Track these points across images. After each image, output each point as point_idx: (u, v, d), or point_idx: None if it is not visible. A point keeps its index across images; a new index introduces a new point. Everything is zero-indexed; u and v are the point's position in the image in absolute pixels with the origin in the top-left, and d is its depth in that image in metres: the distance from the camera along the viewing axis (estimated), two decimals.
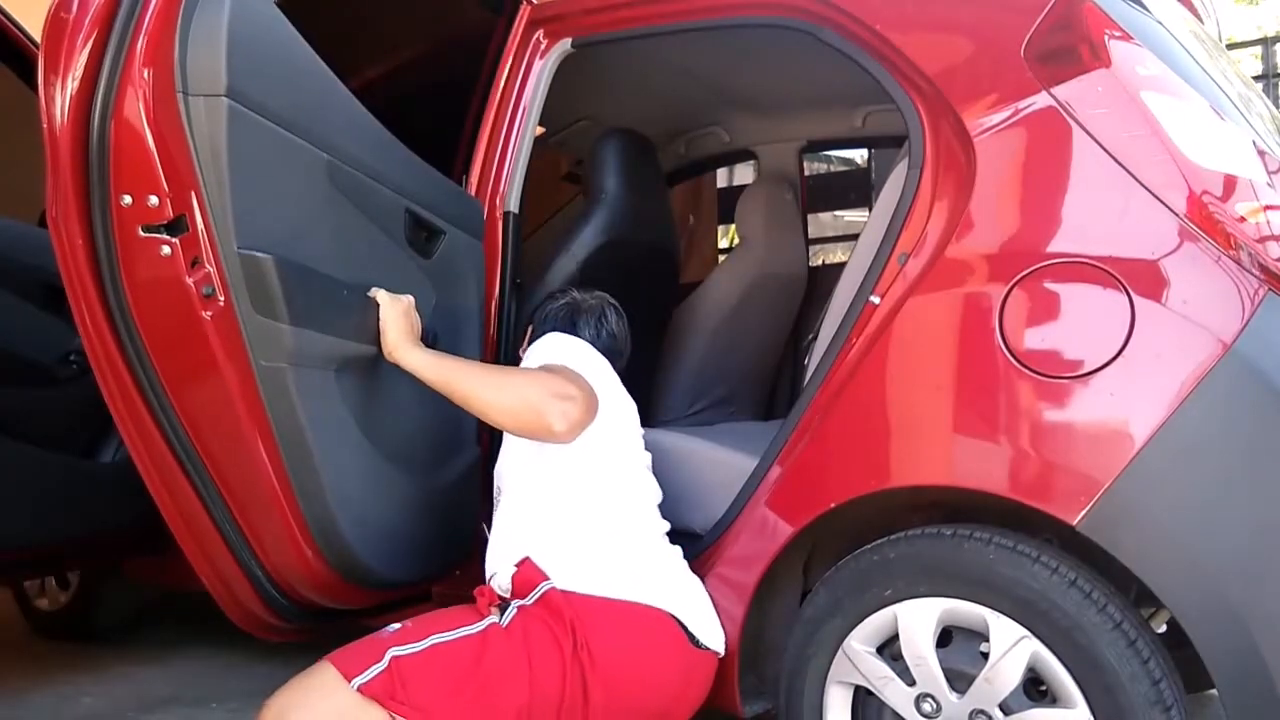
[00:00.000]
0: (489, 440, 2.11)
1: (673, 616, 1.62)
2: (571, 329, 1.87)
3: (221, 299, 1.51)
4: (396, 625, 1.52)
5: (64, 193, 1.48)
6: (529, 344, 1.84)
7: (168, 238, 1.48)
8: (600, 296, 1.96)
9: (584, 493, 1.68)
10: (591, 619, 1.55)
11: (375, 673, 1.42)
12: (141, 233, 1.48)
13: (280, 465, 1.60)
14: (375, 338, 1.65)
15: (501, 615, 1.56)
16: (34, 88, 2.49)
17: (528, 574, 1.60)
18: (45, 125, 1.47)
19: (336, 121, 1.67)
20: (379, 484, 1.78)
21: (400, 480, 1.83)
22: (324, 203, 1.64)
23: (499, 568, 1.66)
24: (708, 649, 1.66)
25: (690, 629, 1.63)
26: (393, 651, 1.44)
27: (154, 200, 1.46)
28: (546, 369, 1.64)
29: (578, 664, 1.52)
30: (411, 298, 1.71)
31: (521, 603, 1.58)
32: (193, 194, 1.47)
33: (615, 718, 1.56)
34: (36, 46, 2.49)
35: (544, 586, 1.58)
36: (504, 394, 1.57)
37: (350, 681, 1.41)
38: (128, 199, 1.47)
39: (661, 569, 1.69)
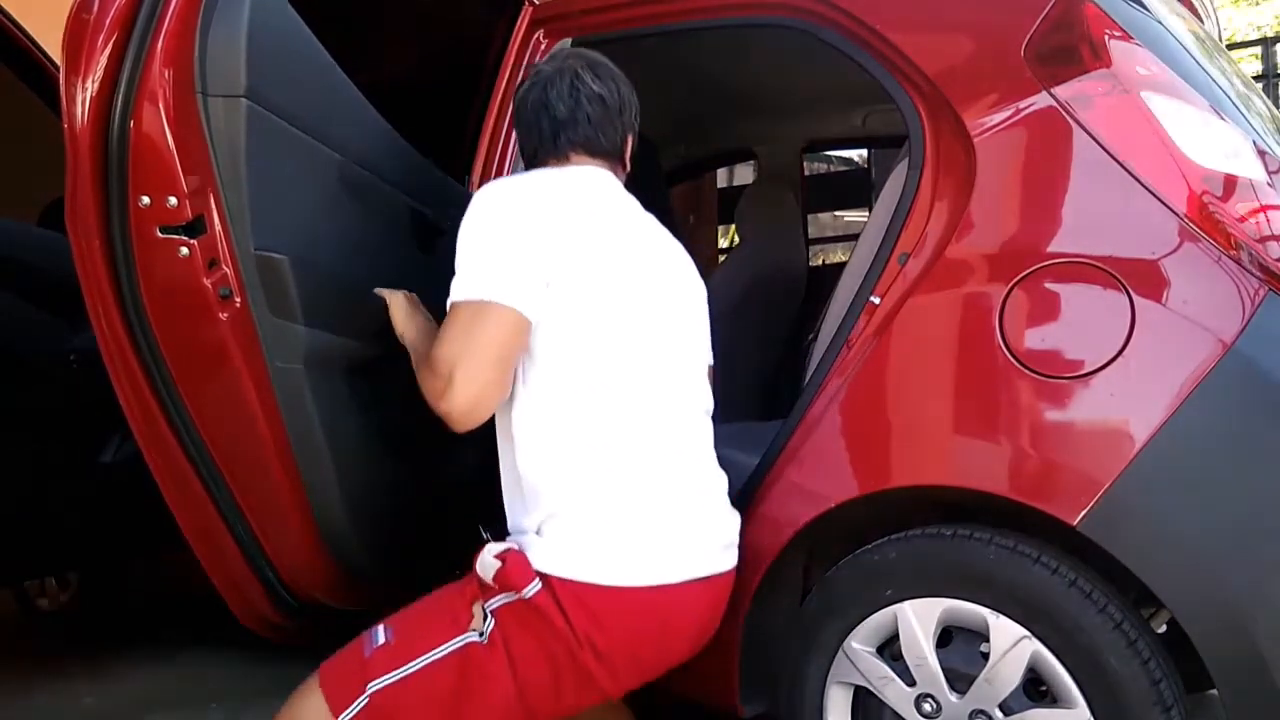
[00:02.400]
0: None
1: (689, 581, 1.47)
2: (553, 144, 1.57)
3: (238, 300, 1.51)
4: (381, 634, 1.44)
5: (82, 192, 1.48)
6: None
7: (186, 239, 1.48)
8: (566, 61, 1.60)
9: (570, 444, 1.44)
10: (595, 615, 1.39)
11: (358, 709, 1.38)
12: (160, 234, 1.49)
13: (292, 466, 1.61)
14: (389, 338, 1.65)
15: (484, 622, 1.42)
16: (34, 88, 2.52)
17: (513, 571, 1.40)
18: (65, 125, 1.48)
19: (348, 122, 1.68)
20: (389, 485, 1.78)
21: (410, 482, 1.83)
22: (337, 203, 1.64)
23: (485, 551, 1.45)
24: (725, 573, 1.55)
25: (706, 574, 1.50)
26: (372, 687, 1.38)
27: (173, 201, 1.47)
28: (454, 311, 1.41)
29: (576, 665, 1.40)
30: (411, 293, 1.68)
31: (506, 601, 1.41)
32: (211, 195, 1.47)
33: (636, 680, 1.47)
34: (36, 46, 2.51)
35: (530, 590, 1.39)
36: (419, 377, 1.46)
37: (337, 718, 1.38)
38: (146, 200, 1.48)
39: (676, 516, 1.48)
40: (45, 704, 2.42)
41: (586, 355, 1.44)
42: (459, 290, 1.41)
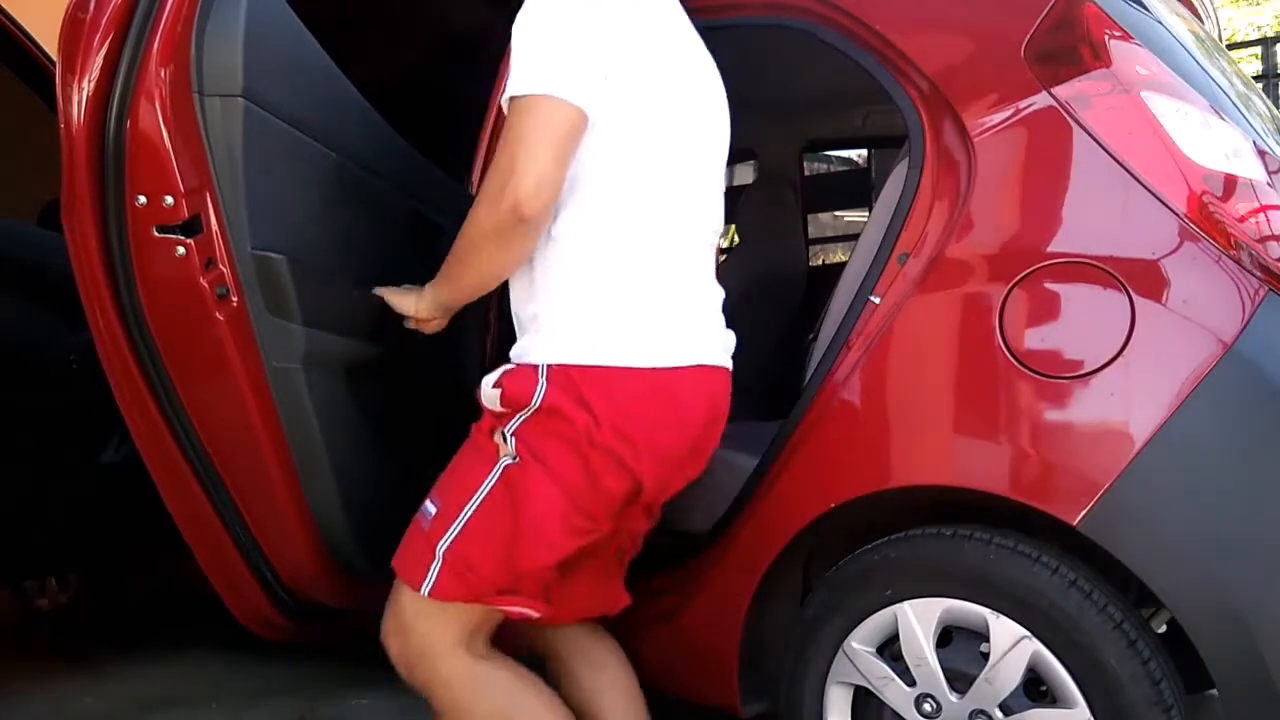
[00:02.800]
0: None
1: (695, 366, 1.49)
2: None
3: (235, 300, 1.51)
4: (430, 506, 1.49)
5: (79, 192, 1.48)
6: None
7: (182, 238, 1.48)
8: None
9: (597, 234, 1.44)
10: (608, 397, 1.41)
11: (436, 572, 1.43)
12: (156, 233, 1.49)
13: (290, 466, 1.61)
14: (387, 338, 1.64)
15: (509, 445, 1.44)
16: (34, 88, 2.52)
17: (513, 389, 1.43)
18: (62, 125, 1.48)
19: (346, 122, 1.68)
20: (386, 485, 1.78)
21: (407, 481, 1.83)
22: (334, 203, 1.64)
23: (483, 385, 1.48)
24: (727, 369, 1.58)
25: (711, 362, 1.53)
26: (440, 547, 1.44)
27: (169, 200, 1.47)
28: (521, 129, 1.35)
29: (601, 449, 1.41)
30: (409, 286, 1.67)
31: (521, 419, 1.43)
32: (207, 194, 1.47)
33: (660, 470, 1.48)
34: (35, 45, 2.50)
35: (537, 398, 1.41)
36: (471, 258, 1.43)
37: (421, 590, 1.43)
38: (143, 199, 1.48)
39: (683, 309, 1.51)
40: (45, 704, 2.41)
41: (629, 150, 1.44)
42: (517, 84, 1.36)
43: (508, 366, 1.47)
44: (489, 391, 1.47)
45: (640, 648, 1.75)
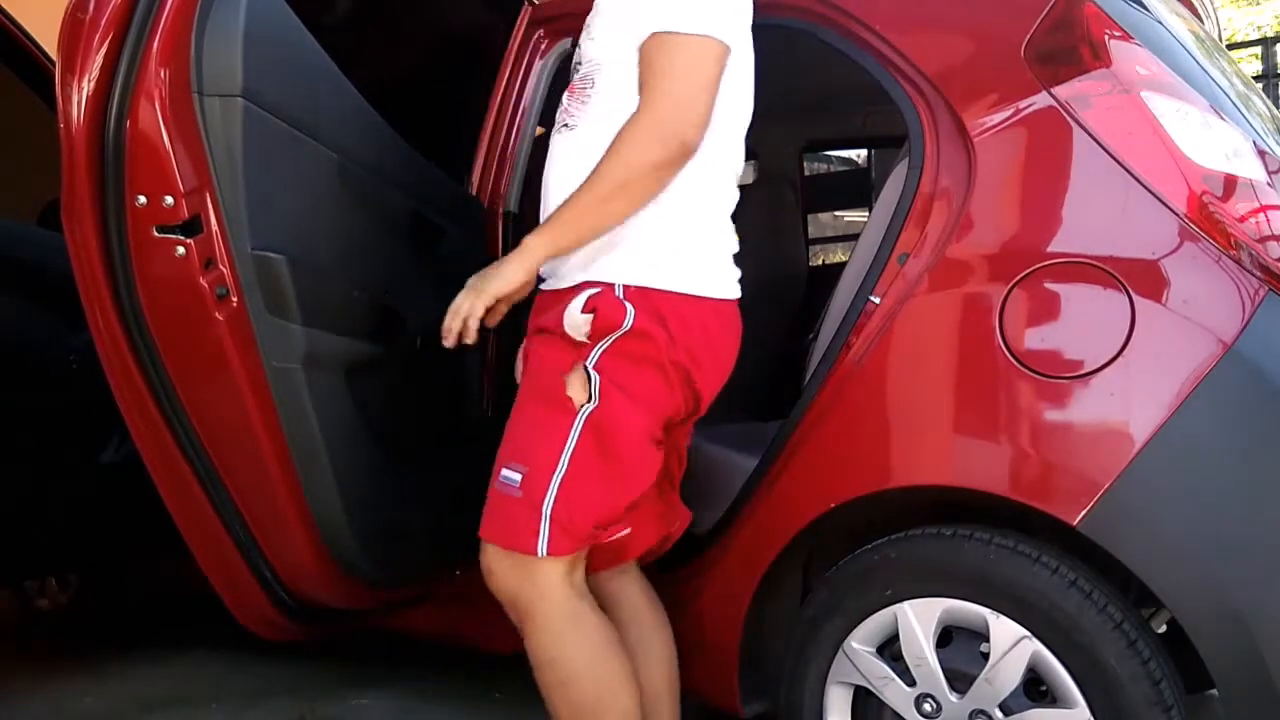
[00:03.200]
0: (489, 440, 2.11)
1: (735, 300, 1.58)
2: None
3: (234, 300, 1.51)
4: (512, 474, 1.46)
5: (79, 192, 1.48)
6: None
7: (182, 238, 1.48)
8: None
9: (692, 166, 1.46)
10: (685, 320, 1.47)
11: (546, 533, 1.43)
12: (156, 233, 1.49)
13: (290, 466, 1.61)
14: (386, 338, 1.63)
15: (590, 385, 1.44)
16: (34, 88, 2.52)
17: (608, 314, 1.45)
18: (61, 125, 1.48)
19: (346, 122, 1.68)
20: (386, 485, 1.78)
21: (406, 481, 1.83)
22: (334, 203, 1.64)
23: (569, 312, 1.46)
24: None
25: (737, 296, 1.60)
26: (545, 506, 1.43)
27: (169, 200, 1.47)
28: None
29: (678, 366, 1.48)
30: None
31: (605, 346, 1.45)
32: (207, 195, 1.47)
33: (714, 388, 1.57)
34: (35, 46, 2.50)
35: (628, 321, 1.44)
36: (618, 196, 1.42)
37: (537, 554, 1.43)
38: (142, 199, 1.48)
39: (732, 245, 1.59)
40: (45, 704, 2.42)
41: (727, 89, 1.48)
42: (677, 21, 1.40)
43: (591, 291, 1.46)
44: (578, 318, 1.46)
45: None
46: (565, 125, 1.56)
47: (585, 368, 1.45)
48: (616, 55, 1.48)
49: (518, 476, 1.46)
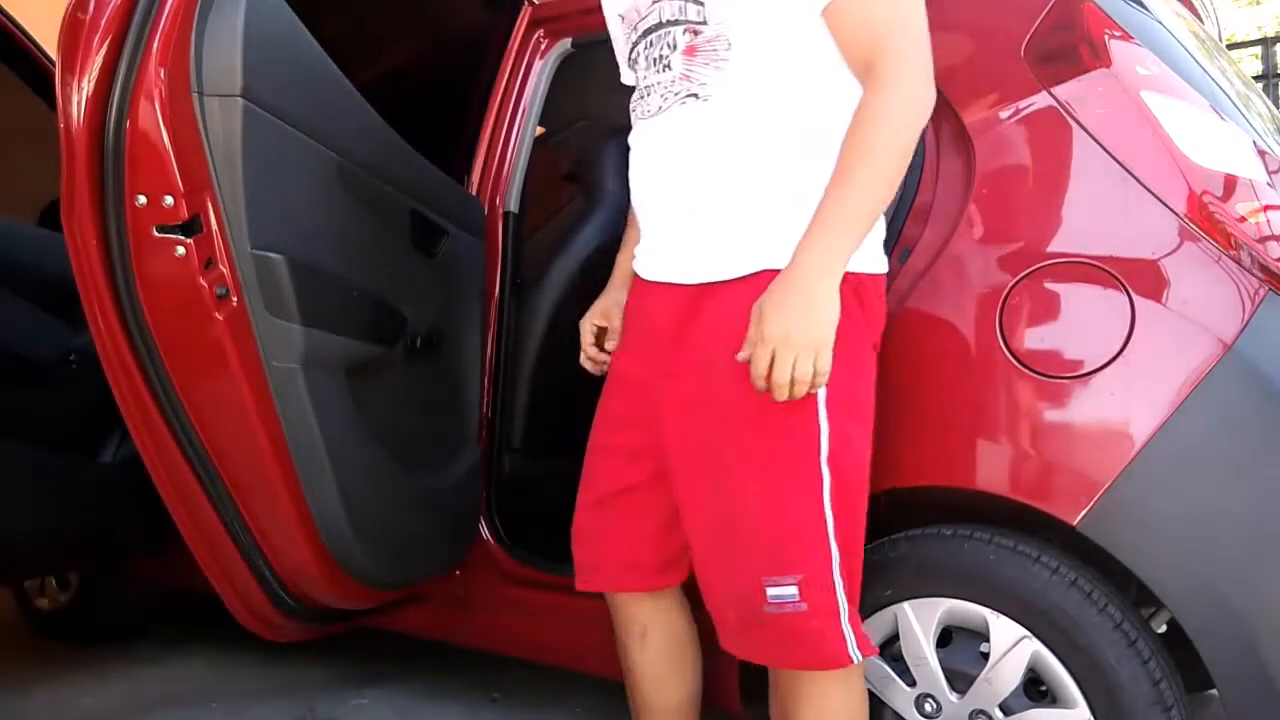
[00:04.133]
0: (488, 440, 2.11)
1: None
2: None
3: (234, 300, 1.51)
4: (790, 592, 1.26)
5: (79, 192, 1.48)
6: None
7: (182, 238, 1.48)
8: None
9: (826, 140, 1.28)
10: (874, 300, 1.39)
11: (853, 636, 1.30)
12: (156, 233, 1.49)
13: (290, 466, 1.61)
14: (386, 338, 1.63)
15: (821, 418, 1.25)
16: (34, 88, 2.51)
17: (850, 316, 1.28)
18: (61, 125, 1.48)
19: (345, 122, 1.68)
20: (386, 485, 1.78)
21: (406, 481, 1.83)
22: (334, 203, 1.64)
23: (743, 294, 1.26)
24: None
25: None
26: (843, 613, 1.29)
27: (169, 200, 1.47)
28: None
29: (874, 346, 1.41)
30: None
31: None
32: (207, 195, 1.47)
33: None
34: (35, 46, 2.50)
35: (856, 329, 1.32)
36: (899, 162, 1.25)
37: (853, 662, 1.30)
38: (142, 199, 1.48)
39: None
40: (45, 704, 2.41)
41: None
42: None
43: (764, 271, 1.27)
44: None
45: None
46: (692, 95, 1.31)
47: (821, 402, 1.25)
48: (764, 11, 1.28)
49: (794, 590, 1.26)
